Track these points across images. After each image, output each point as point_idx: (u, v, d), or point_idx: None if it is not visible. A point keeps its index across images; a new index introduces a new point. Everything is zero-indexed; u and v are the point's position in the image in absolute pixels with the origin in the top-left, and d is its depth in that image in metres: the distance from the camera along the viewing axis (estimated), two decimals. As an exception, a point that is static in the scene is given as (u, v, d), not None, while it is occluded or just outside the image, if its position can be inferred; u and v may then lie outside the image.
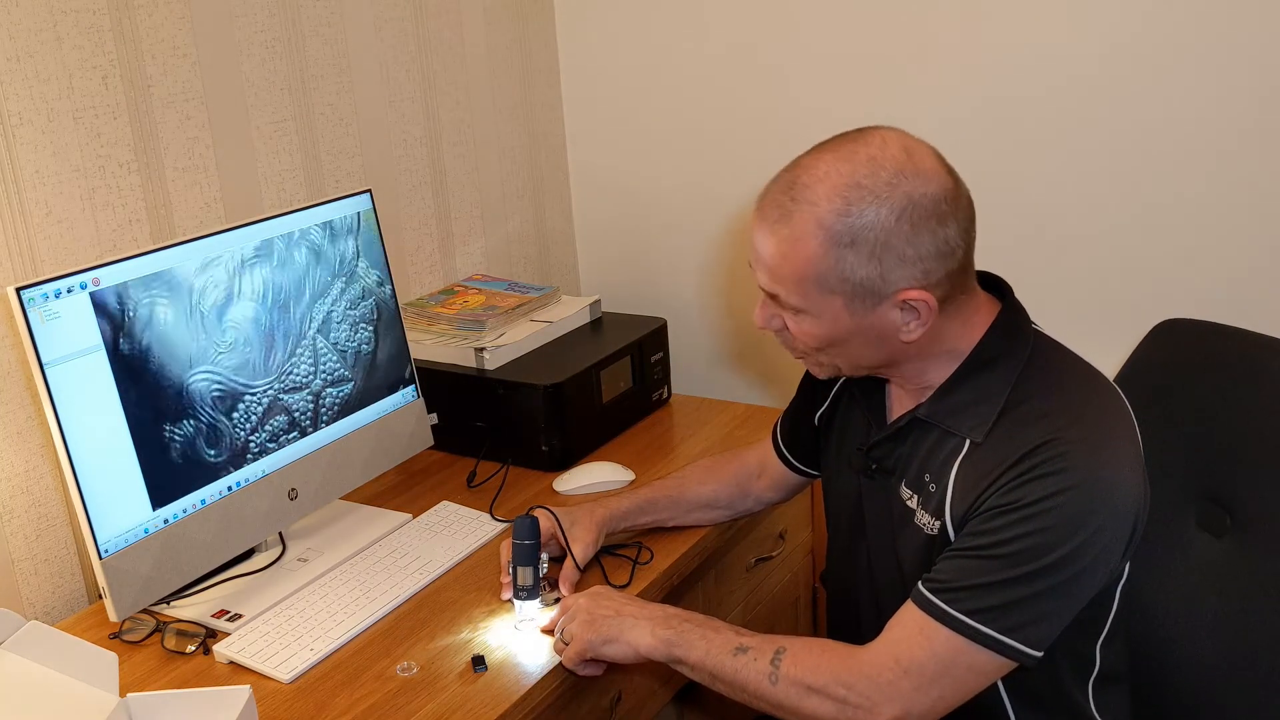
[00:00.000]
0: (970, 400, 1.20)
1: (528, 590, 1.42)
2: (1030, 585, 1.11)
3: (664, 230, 2.34)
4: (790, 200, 1.15)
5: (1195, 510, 1.40)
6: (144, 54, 1.60)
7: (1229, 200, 1.80)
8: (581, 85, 2.36)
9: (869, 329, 1.18)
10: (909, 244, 1.12)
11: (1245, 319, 1.45)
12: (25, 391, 1.51)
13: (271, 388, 1.54)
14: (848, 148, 1.15)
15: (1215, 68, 1.76)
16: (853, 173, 1.12)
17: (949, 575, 1.15)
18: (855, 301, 1.15)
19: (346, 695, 1.32)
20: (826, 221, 1.12)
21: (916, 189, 1.12)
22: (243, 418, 1.51)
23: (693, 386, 2.30)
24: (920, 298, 1.14)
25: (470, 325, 1.93)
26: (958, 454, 1.20)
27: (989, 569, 1.12)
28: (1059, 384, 1.20)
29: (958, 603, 1.13)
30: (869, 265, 1.13)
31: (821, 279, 1.15)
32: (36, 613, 1.54)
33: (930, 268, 1.14)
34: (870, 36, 2.01)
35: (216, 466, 1.48)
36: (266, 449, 1.54)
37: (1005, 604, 1.12)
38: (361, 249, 1.67)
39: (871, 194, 1.11)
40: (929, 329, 1.17)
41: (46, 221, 1.51)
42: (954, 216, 1.14)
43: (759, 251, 1.19)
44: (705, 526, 1.61)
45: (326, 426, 1.63)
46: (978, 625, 1.12)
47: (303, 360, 1.58)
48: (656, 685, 1.64)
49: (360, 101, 1.95)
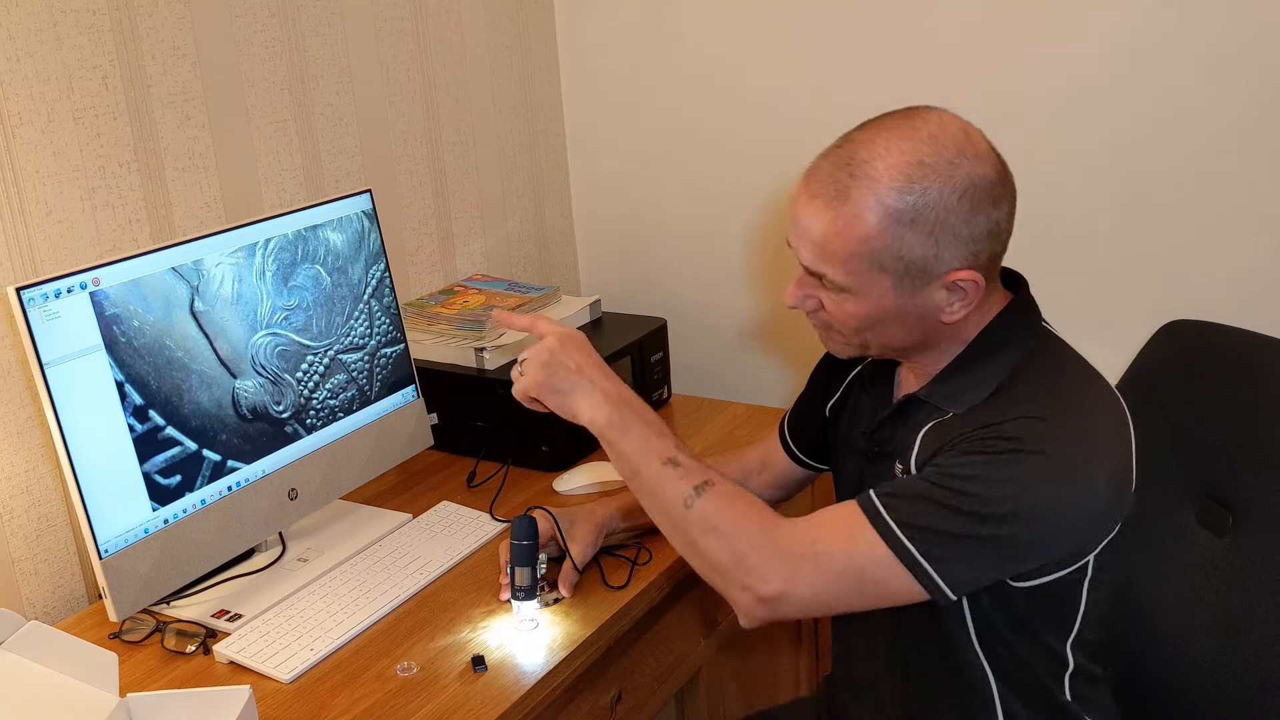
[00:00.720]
0: (968, 384, 1.20)
1: (525, 591, 1.42)
2: (967, 525, 1.10)
3: (664, 230, 2.34)
4: (849, 176, 1.13)
5: (1196, 509, 1.40)
6: (144, 54, 1.60)
7: (1237, 201, 1.79)
8: (581, 85, 2.36)
9: (912, 310, 1.17)
10: (966, 224, 1.12)
11: (1253, 320, 1.45)
12: (25, 391, 1.51)
13: (332, 347, 1.60)
14: (908, 125, 1.14)
15: (1221, 67, 1.76)
16: (915, 150, 1.11)
17: (896, 487, 1.14)
18: (905, 280, 1.14)
19: (346, 695, 1.32)
20: (888, 199, 1.11)
21: (977, 169, 1.12)
22: (305, 376, 1.56)
23: (693, 386, 2.30)
24: (970, 278, 1.14)
25: (470, 325, 1.93)
26: (931, 419, 1.20)
27: (936, 494, 1.11)
28: (1056, 381, 1.19)
29: (893, 510, 1.12)
30: (926, 244, 1.12)
31: (875, 257, 1.13)
32: (36, 613, 1.54)
33: (980, 249, 1.14)
34: (872, 35, 2.00)
35: (218, 465, 1.48)
36: (329, 408, 1.59)
37: (937, 531, 1.10)
38: (361, 249, 1.67)
39: (935, 172, 1.11)
40: None
41: (46, 221, 1.51)
42: (1006, 198, 1.15)
43: (806, 228, 1.17)
44: None
45: (327, 427, 1.63)
46: (903, 538, 1.10)
47: (360, 321, 1.64)
48: (656, 685, 1.64)
49: (360, 101, 1.95)
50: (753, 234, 2.24)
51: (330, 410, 1.63)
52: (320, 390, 1.62)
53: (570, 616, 1.44)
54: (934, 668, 1.28)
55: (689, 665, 1.72)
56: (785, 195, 2.15)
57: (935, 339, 1.21)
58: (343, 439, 1.65)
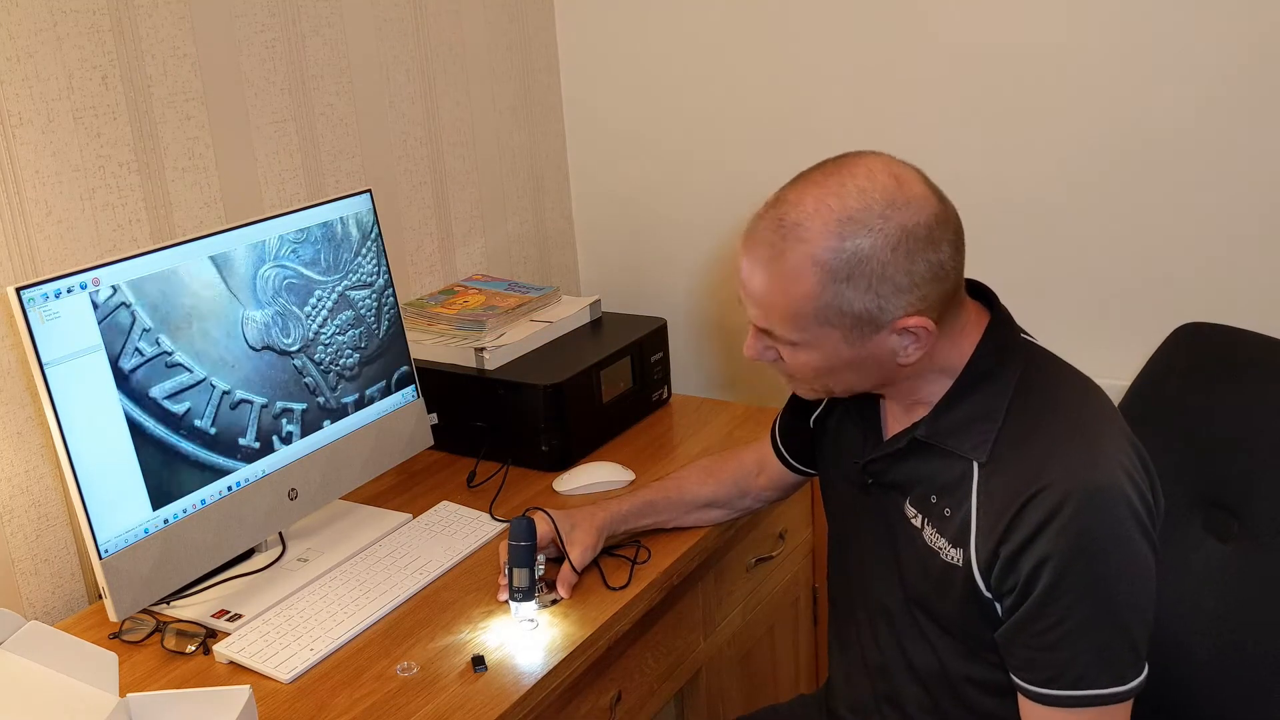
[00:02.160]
0: (966, 418, 1.20)
1: (523, 592, 1.42)
2: (1121, 616, 1.13)
3: (664, 230, 2.34)
4: (781, 239, 1.13)
5: (1202, 515, 1.39)
6: (144, 54, 1.60)
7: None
8: (581, 85, 2.36)
9: (867, 357, 1.17)
10: (905, 273, 1.11)
11: (1265, 324, 1.45)
12: (25, 391, 1.51)
13: (339, 285, 1.61)
14: (834, 179, 1.13)
15: (1225, 68, 1.76)
16: (843, 206, 1.11)
17: (1061, 661, 1.14)
18: (853, 333, 1.15)
19: (346, 695, 1.32)
20: (821, 258, 1.11)
21: (909, 218, 1.11)
22: (313, 310, 1.58)
23: (693, 386, 2.30)
24: (919, 324, 1.13)
25: (470, 325, 1.93)
26: (969, 479, 1.19)
27: (1083, 636, 1.12)
28: (1054, 400, 1.19)
29: (1084, 682, 1.13)
30: (866, 297, 1.12)
31: (818, 314, 1.14)
32: (36, 613, 1.54)
33: (926, 292, 1.13)
34: (871, 40, 2.00)
35: (218, 464, 1.48)
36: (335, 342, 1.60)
37: (1112, 652, 1.13)
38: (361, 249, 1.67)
39: (865, 226, 1.10)
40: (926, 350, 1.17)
41: (46, 221, 1.51)
42: (945, 239, 1.14)
43: (750, 288, 1.18)
44: (705, 527, 1.61)
45: (326, 426, 1.63)
46: (1114, 689, 1.13)
47: (367, 259, 1.67)
48: (656, 685, 1.64)
49: (360, 101, 1.95)
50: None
51: (339, 347, 1.63)
52: (329, 326, 1.62)
53: (570, 617, 1.44)
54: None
55: (689, 665, 1.72)
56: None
57: (899, 376, 1.21)
58: (343, 439, 1.65)
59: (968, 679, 1.25)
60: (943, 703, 1.28)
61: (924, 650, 1.28)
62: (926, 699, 1.29)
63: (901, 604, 1.29)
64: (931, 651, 1.27)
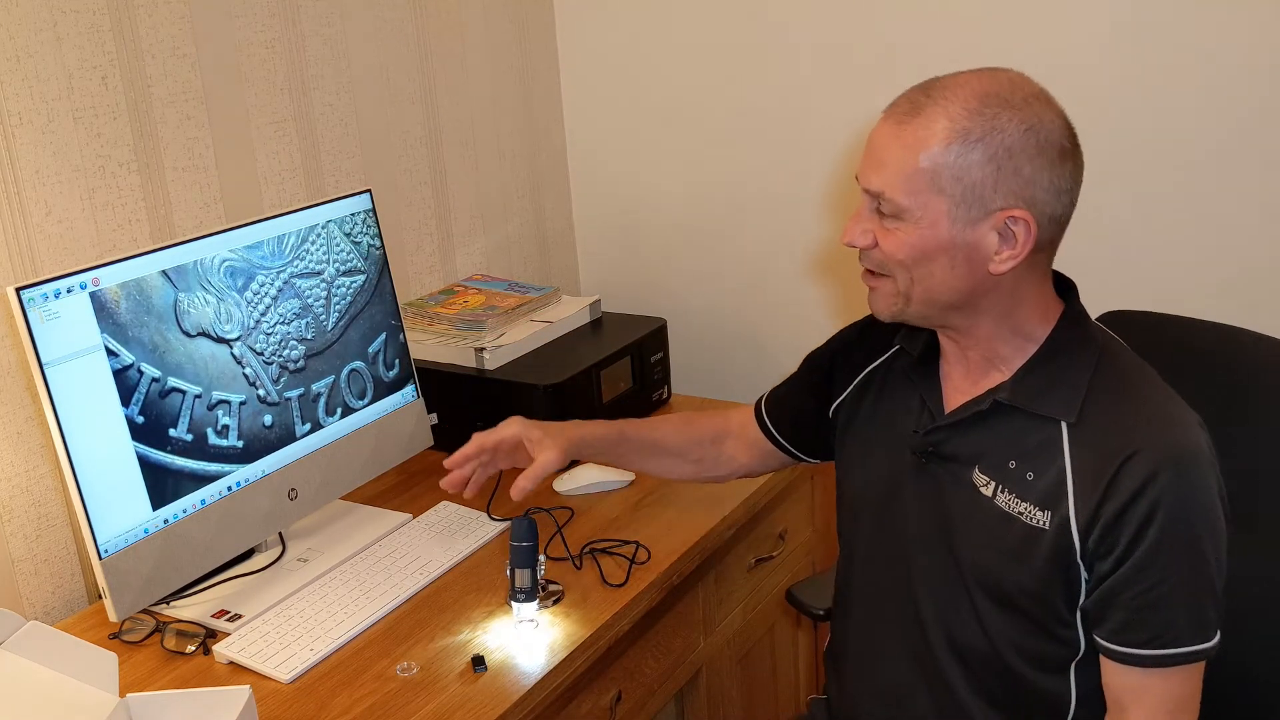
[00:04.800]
0: (1050, 383, 1.21)
1: (525, 592, 1.42)
2: (1208, 581, 1.16)
3: (664, 230, 2.34)
4: (925, 96, 1.16)
5: None
6: (144, 54, 1.60)
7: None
8: (581, 85, 2.36)
9: (962, 247, 1.16)
10: (1029, 161, 1.13)
11: (1189, 309, 1.48)
12: (25, 391, 1.51)
13: (285, 269, 1.56)
14: (991, 71, 1.17)
15: (1193, 69, 1.76)
16: (994, 85, 1.15)
17: (1154, 618, 1.16)
18: (960, 208, 1.15)
19: (346, 695, 1.32)
20: (957, 115, 1.14)
21: (1049, 121, 1.14)
22: (255, 296, 1.53)
23: (693, 386, 2.30)
24: (1023, 217, 1.14)
25: (470, 325, 1.93)
26: (1058, 440, 1.20)
27: (1181, 595, 1.15)
28: (1132, 374, 1.22)
29: (1180, 640, 1.15)
30: (986, 168, 1.13)
31: (934, 174, 1.14)
32: (36, 613, 1.54)
33: (1040, 197, 1.14)
34: (870, 36, 2.00)
35: (217, 465, 1.48)
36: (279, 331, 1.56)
37: (1202, 610, 1.16)
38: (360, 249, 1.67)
39: (1007, 105, 1.13)
40: (1014, 274, 1.17)
41: (46, 221, 1.51)
42: (1072, 163, 1.16)
43: (874, 148, 1.20)
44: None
45: (326, 426, 1.63)
46: (1203, 645, 1.16)
47: (317, 246, 1.62)
48: (656, 685, 1.64)
49: (360, 101, 1.95)
50: (753, 234, 2.24)
51: (283, 337, 1.57)
52: (270, 315, 1.55)
53: (570, 617, 1.44)
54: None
55: (689, 665, 1.72)
56: (786, 195, 2.16)
57: (983, 295, 1.20)
58: (342, 439, 1.65)
59: (1019, 652, 1.24)
60: (987, 681, 1.27)
61: (972, 631, 1.26)
62: (971, 679, 1.28)
63: (954, 581, 1.26)
64: (981, 631, 1.25)
